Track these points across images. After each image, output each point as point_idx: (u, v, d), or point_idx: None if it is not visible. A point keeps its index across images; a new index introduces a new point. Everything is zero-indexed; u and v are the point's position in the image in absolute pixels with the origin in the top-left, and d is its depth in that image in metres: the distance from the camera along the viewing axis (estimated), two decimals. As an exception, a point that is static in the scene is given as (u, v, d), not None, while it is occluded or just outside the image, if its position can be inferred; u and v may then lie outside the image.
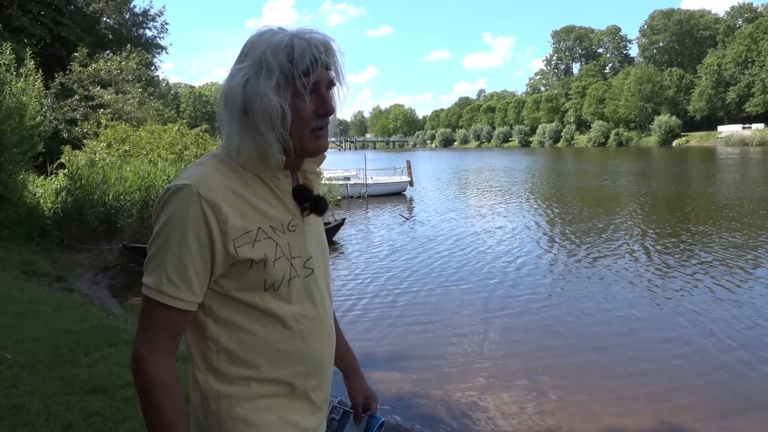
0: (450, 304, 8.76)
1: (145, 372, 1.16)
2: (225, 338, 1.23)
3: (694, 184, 27.31)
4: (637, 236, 14.07)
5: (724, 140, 76.92)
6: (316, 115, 1.23)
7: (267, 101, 1.17)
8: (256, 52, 1.19)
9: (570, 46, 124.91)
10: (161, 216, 1.20)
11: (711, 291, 8.95)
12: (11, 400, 3.76)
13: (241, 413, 1.23)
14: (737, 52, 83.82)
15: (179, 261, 1.17)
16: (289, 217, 1.28)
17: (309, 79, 1.18)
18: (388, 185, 26.16)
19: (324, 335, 1.34)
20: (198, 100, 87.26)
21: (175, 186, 1.19)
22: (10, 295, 6.91)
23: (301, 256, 1.28)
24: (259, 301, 1.23)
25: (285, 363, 1.26)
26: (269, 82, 1.17)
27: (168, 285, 1.17)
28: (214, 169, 1.22)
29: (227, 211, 1.18)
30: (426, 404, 5.50)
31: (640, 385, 5.79)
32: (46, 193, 12.89)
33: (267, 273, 1.22)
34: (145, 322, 1.20)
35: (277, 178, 1.26)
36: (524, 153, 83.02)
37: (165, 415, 1.16)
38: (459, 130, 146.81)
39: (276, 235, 1.24)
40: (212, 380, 1.24)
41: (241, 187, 1.22)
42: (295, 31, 1.21)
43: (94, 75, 20.21)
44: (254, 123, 1.19)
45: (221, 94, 1.24)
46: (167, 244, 1.18)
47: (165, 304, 1.17)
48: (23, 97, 12.38)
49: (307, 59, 1.17)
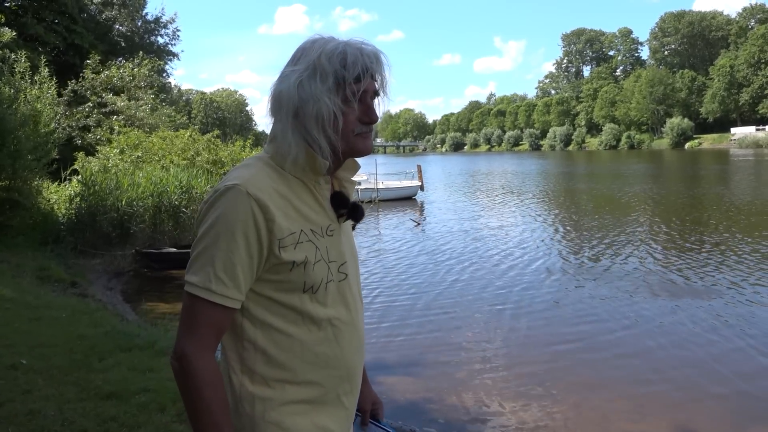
0: (462, 309, 8.71)
1: (191, 370, 1.16)
2: (262, 340, 1.24)
3: (708, 186, 27.04)
4: (650, 241, 13.95)
5: (737, 142, 76.23)
6: (360, 122, 1.26)
7: (320, 104, 1.20)
8: (310, 56, 1.22)
9: (580, 48, 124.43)
10: (209, 215, 1.20)
11: (729, 296, 8.84)
12: (27, 405, 3.78)
13: (275, 417, 1.23)
14: (750, 53, 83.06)
15: (228, 259, 1.17)
16: (328, 222, 1.30)
17: (359, 87, 1.22)
18: (399, 190, 26.15)
19: (357, 340, 1.35)
20: (209, 106, 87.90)
21: (224, 186, 1.20)
22: (25, 301, 6.97)
23: (337, 260, 1.30)
24: (297, 302, 1.24)
25: (320, 366, 1.27)
26: (324, 85, 1.20)
27: (216, 283, 1.17)
28: (260, 171, 1.24)
29: (274, 211, 1.20)
30: (439, 410, 5.47)
31: (656, 391, 5.72)
32: (60, 199, 13.02)
33: (307, 275, 1.23)
34: (189, 320, 1.19)
35: (319, 183, 1.28)
36: (535, 156, 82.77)
37: (213, 413, 1.15)
38: (469, 134, 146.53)
39: (316, 238, 1.26)
40: (248, 382, 1.24)
41: (286, 190, 1.24)
42: (347, 40, 1.25)
43: (107, 82, 20.43)
44: (305, 124, 1.22)
45: (272, 95, 1.26)
46: (216, 242, 1.18)
47: (211, 302, 1.17)
48: (37, 104, 12.52)
49: (359, 67, 1.21)
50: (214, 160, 15.98)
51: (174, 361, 1.18)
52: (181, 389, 1.18)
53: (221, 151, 16.89)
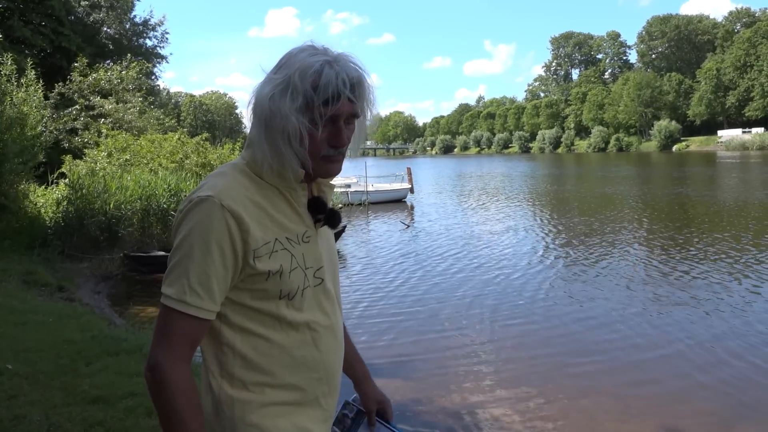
0: (451, 311, 8.73)
1: (164, 380, 1.16)
2: (241, 344, 1.24)
3: (696, 188, 27.28)
4: (639, 242, 14.06)
5: (724, 145, 76.97)
6: (328, 144, 1.25)
7: (287, 121, 1.19)
8: (289, 69, 1.21)
9: (569, 52, 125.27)
10: (183, 226, 1.20)
11: (717, 296, 8.93)
12: (12, 410, 3.75)
13: (254, 419, 1.23)
14: (736, 57, 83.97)
15: (202, 271, 1.17)
16: (304, 229, 1.30)
17: (326, 111, 1.20)
18: (389, 192, 26.18)
19: (335, 342, 1.36)
20: (198, 109, 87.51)
21: (198, 197, 1.20)
22: (10, 305, 6.90)
23: (313, 266, 1.30)
24: (273, 309, 1.25)
25: (299, 369, 1.28)
26: (293, 103, 1.19)
27: (191, 295, 1.17)
28: (234, 180, 1.24)
29: (249, 222, 1.20)
30: (429, 411, 5.48)
31: (644, 391, 5.77)
32: (47, 203, 12.90)
33: (283, 283, 1.24)
34: (163, 331, 1.19)
35: (294, 190, 1.28)
36: (524, 159, 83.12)
37: (185, 422, 1.15)
38: (459, 136, 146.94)
39: (291, 246, 1.26)
40: (227, 386, 1.24)
41: (261, 198, 1.24)
42: (332, 57, 1.22)
43: (95, 85, 20.27)
44: (273, 137, 1.22)
45: (252, 97, 1.26)
46: (190, 254, 1.18)
47: (186, 314, 1.17)
48: (24, 107, 12.41)
49: (329, 91, 1.19)
50: (203, 163, 15.90)
51: (147, 372, 1.18)
52: (154, 399, 1.18)
53: (210, 154, 16.81)
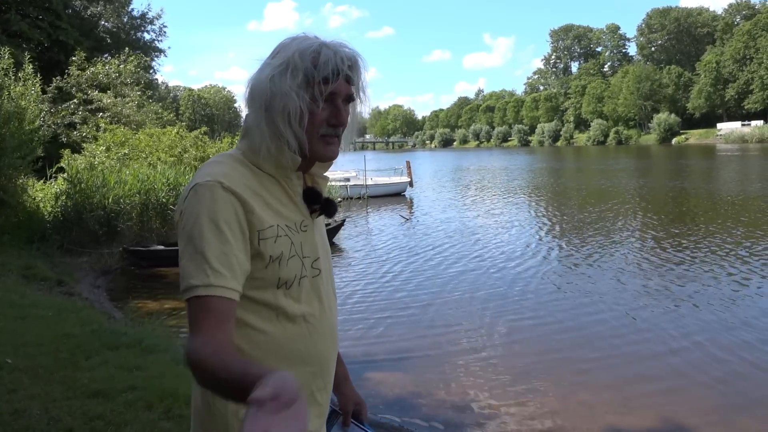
0: (450, 305, 8.74)
1: (197, 356, 1.07)
2: (237, 337, 1.20)
3: (696, 180, 27.27)
4: (639, 236, 14.06)
5: (723, 137, 76.89)
6: (327, 124, 1.26)
7: (288, 99, 1.20)
8: (287, 52, 1.23)
9: (569, 45, 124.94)
10: (187, 213, 1.17)
11: (718, 290, 8.93)
12: (12, 404, 3.75)
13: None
14: (735, 50, 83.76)
15: (219, 251, 1.14)
16: (301, 218, 1.30)
17: (327, 87, 1.22)
18: (388, 186, 26.16)
19: (330, 336, 1.35)
20: (197, 103, 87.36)
21: (197, 183, 1.19)
22: (10, 300, 6.90)
23: (311, 256, 1.30)
24: (271, 298, 1.23)
25: (295, 362, 1.26)
26: (294, 81, 1.21)
27: (214, 276, 1.12)
28: (231, 167, 1.24)
29: (252, 203, 1.20)
30: (428, 405, 5.49)
31: (644, 384, 5.78)
32: (46, 198, 12.88)
33: (281, 270, 1.23)
34: (193, 321, 1.12)
35: (290, 179, 1.28)
36: (523, 152, 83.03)
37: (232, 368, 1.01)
38: (458, 130, 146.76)
39: (291, 233, 1.26)
40: None
41: (258, 186, 1.24)
42: (326, 41, 1.25)
43: (93, 79, 20.21)
44: (273, 118, 1.22)
45: (248, 86, 1.27)
46: (202, 239, 1.14)
47: (215, 296, 1.11)
48: (22, 101, 12.38)
49: (329, 68, 1.21)
50: (202, 157, 15.89)
51: (186, 364, 1.10)
52: (202, 384, 1.09)
53: (209, 147, 16.83)
